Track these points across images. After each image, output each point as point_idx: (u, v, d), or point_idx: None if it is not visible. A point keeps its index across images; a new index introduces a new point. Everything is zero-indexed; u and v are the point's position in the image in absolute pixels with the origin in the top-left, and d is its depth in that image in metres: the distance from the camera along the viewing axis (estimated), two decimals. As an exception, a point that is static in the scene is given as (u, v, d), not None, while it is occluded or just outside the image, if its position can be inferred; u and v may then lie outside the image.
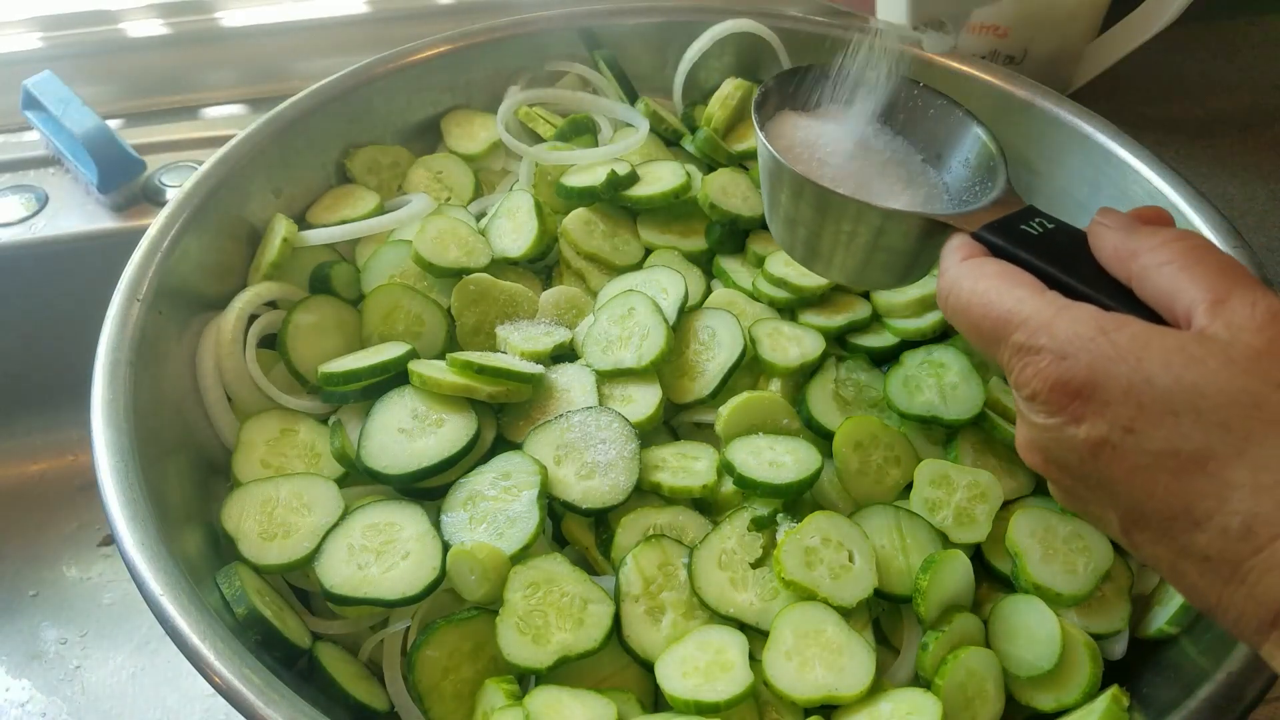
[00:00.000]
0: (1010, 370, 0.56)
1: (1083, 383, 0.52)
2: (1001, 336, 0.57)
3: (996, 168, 0.74)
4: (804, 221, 0.75)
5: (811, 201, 0.73)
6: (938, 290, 0.64)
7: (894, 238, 0.72)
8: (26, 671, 1.04)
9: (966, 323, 0.60)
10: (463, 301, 0.91)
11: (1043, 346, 0.54)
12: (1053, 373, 0.53)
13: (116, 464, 0.72)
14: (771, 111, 0.80)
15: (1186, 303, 0.53)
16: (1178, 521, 0.50)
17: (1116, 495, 0.53)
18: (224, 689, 0.63)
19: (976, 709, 0.72)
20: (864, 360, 0.91)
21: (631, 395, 0.86)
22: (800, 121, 0.80)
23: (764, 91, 0.80)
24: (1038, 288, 0.57)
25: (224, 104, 1.28)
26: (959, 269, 0.62)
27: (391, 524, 0.77)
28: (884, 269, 0.75)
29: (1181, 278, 0.54)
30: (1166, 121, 1.39)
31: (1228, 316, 0.51)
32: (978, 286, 0.59)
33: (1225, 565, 0.48)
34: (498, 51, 1.10)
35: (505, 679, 0.71)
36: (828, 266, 0.78)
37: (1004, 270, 0.60)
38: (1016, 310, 0.56)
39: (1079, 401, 0.52)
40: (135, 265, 0.84)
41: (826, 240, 0.75)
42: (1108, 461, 0.52)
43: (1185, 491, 0.49)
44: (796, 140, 0.78)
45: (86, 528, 1.15)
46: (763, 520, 0.78)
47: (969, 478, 0.81)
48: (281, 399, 0.87)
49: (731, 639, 0.73)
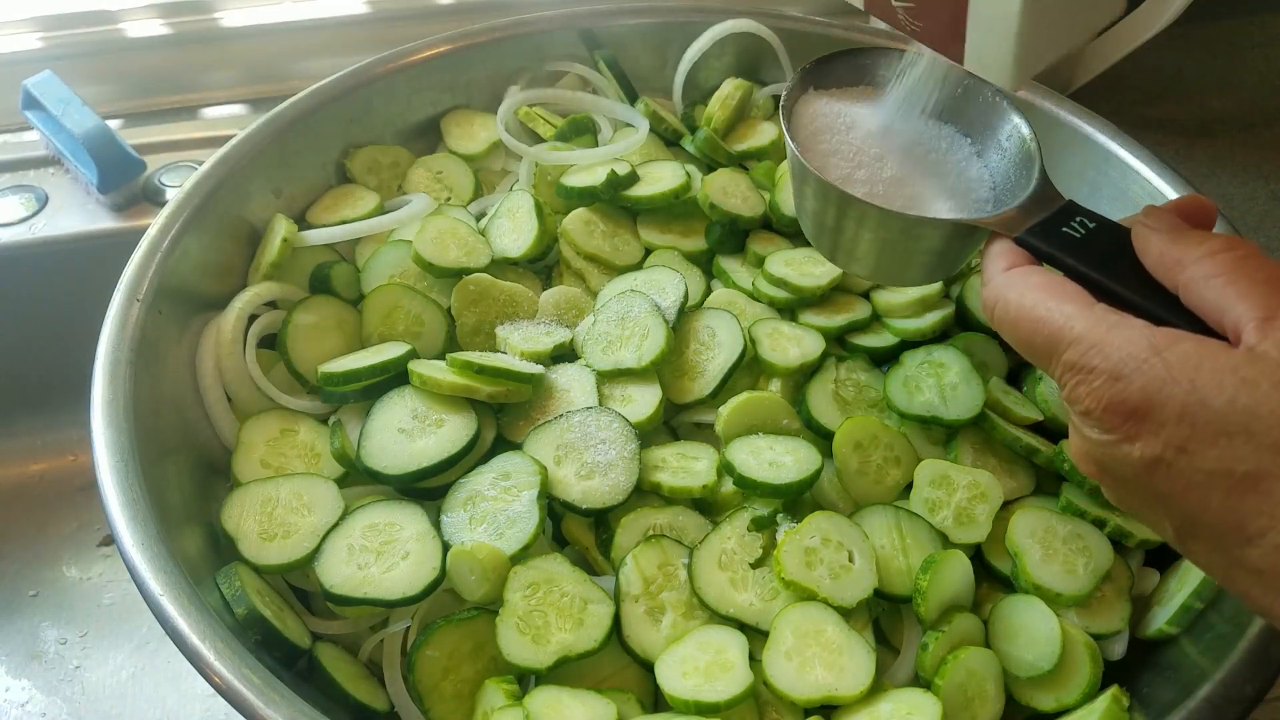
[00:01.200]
0: (1063, 385, 0.57)
1: (1137, 404, 0.53)
2: (1053, 352, 0.57)
3: (1033, 159, 0.71)
4: (829, 222, 0.73)
5: (836, 205, 0.71)
6: (982, 300, 0.64)
7: (925, 241, 0.70)
8: (26, 671, 1.04)
9: (1015, 336, 0.61)
10: (463, 301, 0.91)
11: (1096, 366, 0.54)
12: (1107, 393, 0.54)
13: (116, 464, 0.72)
14: (797, 97, 0.77)
15: (1235, 318, 0.54)
16: (1230, 536, 0.51)
17: (1171, 509, 0.54)
18: (224, 689, 0.63)
19: (976, 709, 0.72)
20: (864, 360, 0.91)
21: (631, 395, 0.86)
22: (831, 105, 0.78)
23: (792, 85, 0.77)
24: (1087, 301, 0.58)
25: (224, 104, 1.28)
26: (1004, 280, 0.62)
27: (391, 524, 0.77)
28: (915, 268, 0.74)
29: (1229, 292, 0.54)
30: (1166, 121, 1.39)
31: (1277, 335, 0.51)
32: (1025, 300, 0.59)
33: (1277, 579, 0.50)
34: (498, 51, 1.10)
35: (505, 679, 0.71)
36: (851, 263, 0.76)
37: (1050, 282, 0.60)
38: (1067, 327, 0.56)
39: (1133, 421, 0.53)
40: (135, 265, 0.84)
41: (850, 240, 0.73)
42: (1162, 478, 0.53)
43: (1238, 509, 0.50)
44: (824, 125, 0.76)
45: (86, 528, 1.15)
46: (763, 520, 0.78)
47: (969, 478, 0.81)
48: (281, 399, 0.87)
49: (731, 639, 0.73)
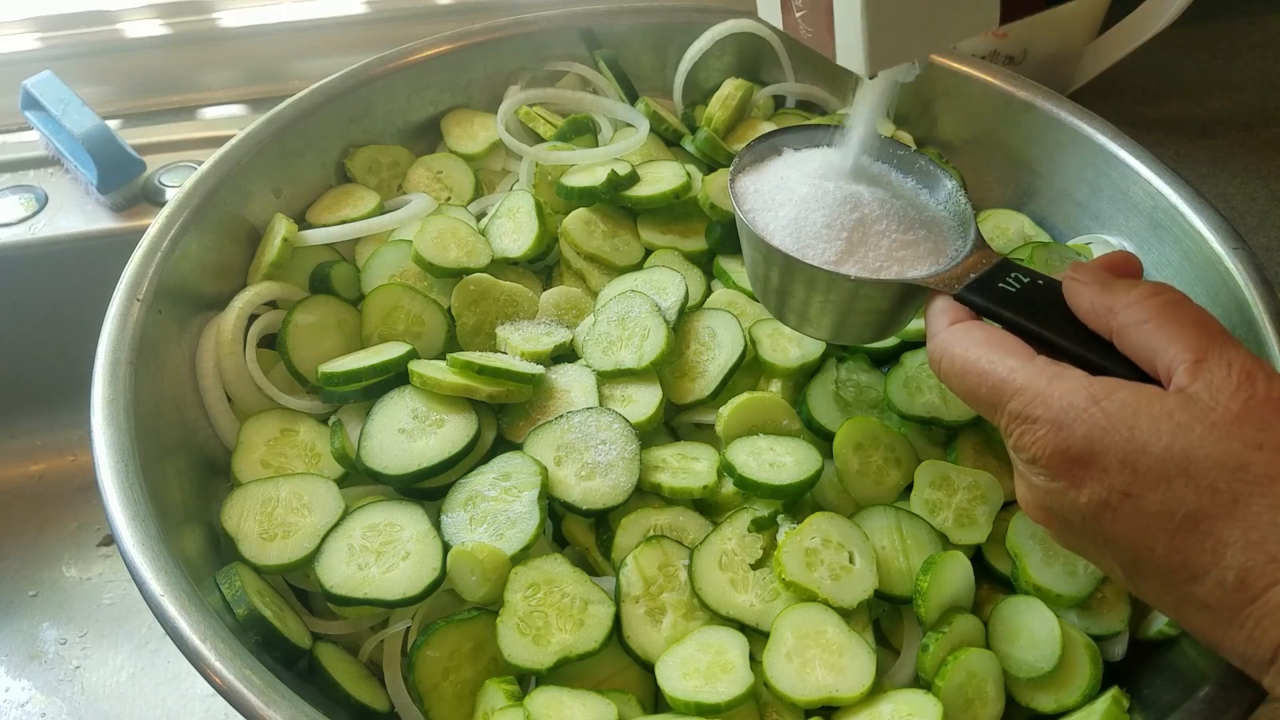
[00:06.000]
0: (1009, 434, 0.60)
1: (1080, 451, 0.55)
2: (997, 404, 0.60)
3: (969, 219, 0.75)
4: (776, 285, 0.76)
5: (781, 268, 0.74)
6: (928, 354, 0.67)
7: (871, 301, 0.73)
8: (26, 671, 1.04)
9: (961, 388, 0.64)
10: (463, 302, 0.91)
11: (1039, 416, 0.57)
12: (1051, 441, 0.57)
13: (116, 464, 0.72)
14: (748, 163, 0.80)
15: (1167, 361, 0.57)
16: (1177, 574, 0.54)
17: (1118, 550, 0.57)
18: (224, 689, 0.63)
19: (976, 710, 0.72)
20: (864, 361, 0.91)
21: (632, 396, 0.86)
22: (783, 161, 0.80)
23: (740, 156, 0.80)
24: (1028, 354, 0.61)
25: (224, 104, 1.28)
26: (947, 335, 0.65)
27: (391, 524, 0.77)
28: (865, 326, 0.77)
29: (1159, 336, 0.57)
30: (1166, 121, 1.39)
31: (1207, 378, 0.54)
32: (969, 354, 0.62)
33: (1225, 612, 0.53)
34: (498, 51, 1.10)
35: (505, 679, 0.71)
36: (803, 324, 0.79)
37: (991, 337, 0.63)
38: (1010, 379, 0.59)
39: (1078, 468, 0.56)
40: (135, 265, 0.84)
41: (799, 302, 0.76)
42: (1109, 521, 0.56)
43: (1183, 548, 0.53)
44: (772, 185, 0.78)
45: (86, 528, 1.15)
46: (763, 521, 0.78)
47: (969, 479, 0.81)
48: (281, 399, 0.87)
49: (732, 640, 0.73)
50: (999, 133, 1.06)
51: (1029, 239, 1.01)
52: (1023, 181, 1.07)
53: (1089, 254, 0.98)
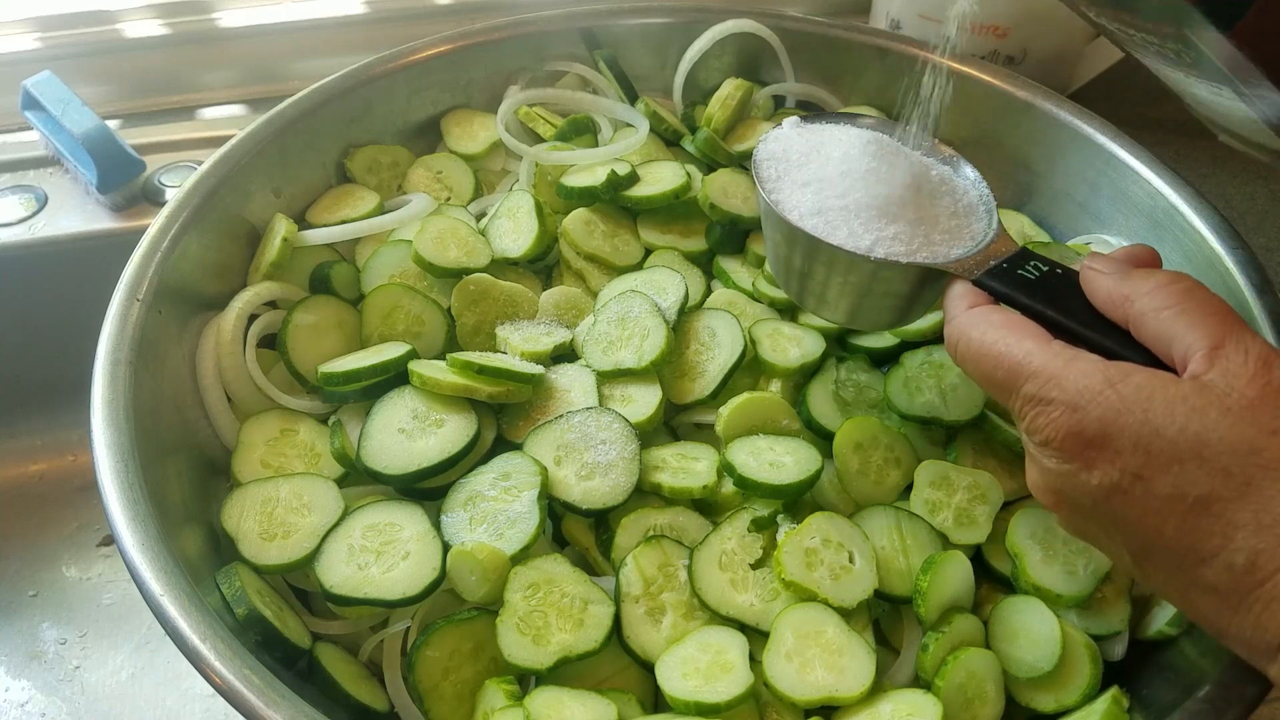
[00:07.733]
0: (1022, 417, 0.60)
1: (1094, 434, 0.56)
2: (1012, 386, 0.60)
3: (991, 208, 0.76)
4: (798, 267, 0.77)
5: (804, 248, 0.74)
6: (945, 337, 0.67)
7: (890, 284, 0.73)
8: (26, 671, 1.04)
9: (977, 371, 0.64)
10: (463, 301, 0.91)
11: (1054, 398, 0.57)
12: (1065, 423, 0.57)
13: (116, 464, 0.72)
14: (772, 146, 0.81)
15: (1183, 348, 0.57)
16: (1186, 558, 0.54)
17: (1128, 533, 0.57)
18: (224, 689, 0.63)
19: (976, 710, 0.72)
20: (864, 361, 0.91)
21: (632, 396, 0.86)
22: (808, 144, 0.80)
23: (765, 137, 0.81)
24: (1044, 338, 0.61)
25: (224, 104, 1.28)
26: (966, 318, 0.66)
27: (391, 524, 0.77)
28: (883, 310, 0.77)
29: (1178, 323, 0.58)
30: (1166, 121, 1.39)
31: (1223, 365, 0.55)
32: (986, 337, 0.63)
33: (1232, 596, 0.53)
34: (498, 51, 1.10)
35: (505, 679, 0.71)
36: (821, 307, 0.80)
37: (1010, 320, 0.63)
38: (1026, 362, 0.60)
39: (1091, 450, 0.56)
40: (135, 265, 0.84)
41: (819, 284, 0.76)
42: (1120, 504, 0.56)
43: (1193, 531, 0.53)
44: (796, 165, 0.78)
45: (86, 528, 1.15)
46: (763, 521, 0.78)
47: (969, 479, 0.81)
48: (281, 399, 0.87)
49: (732, 640, 0.73)
50: (999, 133, 1.06)
51: (1029, 239, 1.01)
52: (1022, 181, 1.07)
53: (1088, 254, 0.98)
